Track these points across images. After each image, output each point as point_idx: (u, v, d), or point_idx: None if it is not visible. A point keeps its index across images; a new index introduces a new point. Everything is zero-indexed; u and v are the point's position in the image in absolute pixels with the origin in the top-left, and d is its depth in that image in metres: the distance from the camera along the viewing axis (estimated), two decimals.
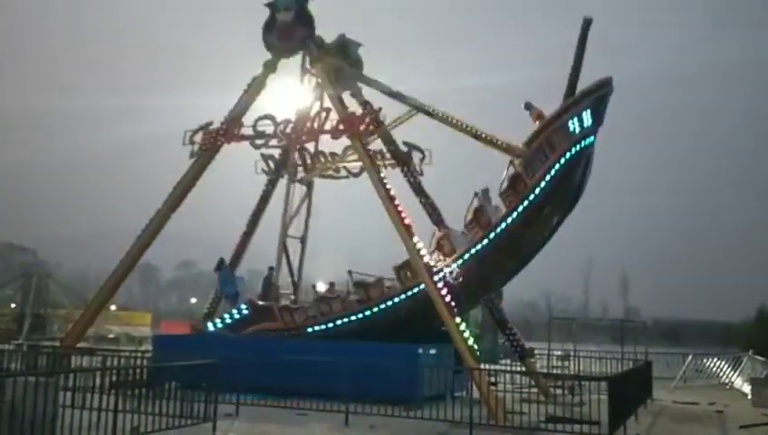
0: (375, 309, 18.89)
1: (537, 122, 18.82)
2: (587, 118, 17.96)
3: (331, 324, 19.32)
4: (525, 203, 17.82)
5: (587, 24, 18.02)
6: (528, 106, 19.23)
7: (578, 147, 17.94)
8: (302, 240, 23.32)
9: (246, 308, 20.52)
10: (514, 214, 17.97)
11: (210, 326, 21.09)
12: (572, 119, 17.95)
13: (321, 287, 22.44)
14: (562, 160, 17.84)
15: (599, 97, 18.12)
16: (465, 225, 18.97)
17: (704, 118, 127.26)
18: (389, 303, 18.76)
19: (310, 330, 19.56)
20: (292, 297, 22.58)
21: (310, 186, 23.33)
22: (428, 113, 19.96)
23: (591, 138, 18.19)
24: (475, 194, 18.98)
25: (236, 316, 20.58)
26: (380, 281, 19.47)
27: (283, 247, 22.01)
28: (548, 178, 17.83)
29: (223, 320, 20.92)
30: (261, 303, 21.02)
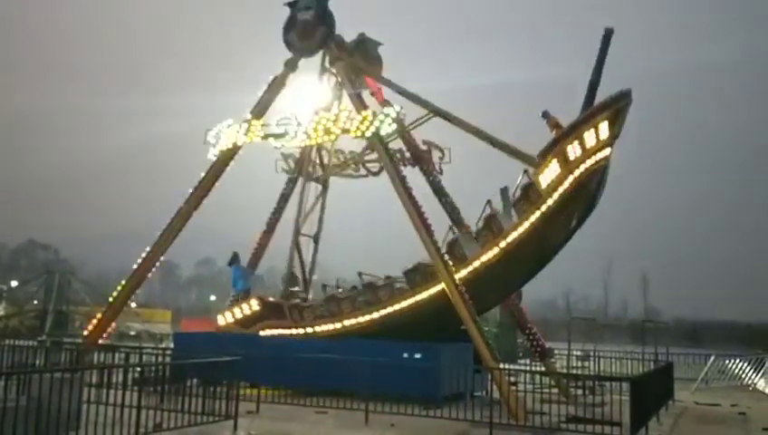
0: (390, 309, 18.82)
1: (554, 132, 18.59)
2: (603, 130, 17.59)
3: (339, 324, 19.37)
4: (537, 214, 17.52)
5: (608, 34, 17.66)
6: (545, 115, 18.84)
7: (593, 160, 17.64)
8: (315, 239, 23.34)
9: (257, 304, 20.66)
10: (527, 224, 17.72)
11: (221, 320, 21.23)
12: (589, 131, 17.62)
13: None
14: (576, 173, 17.58)
15: (617, 110, 17.67)
16: (477, 232, 18.80)
17: (725, 111, 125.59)
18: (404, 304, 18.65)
19: (318, 329, 19.64)
20: (303, 295, 22.60)
21: (325, 184, 23.37)
22: (446, 117, 19.67)
23: (607, 150, 17.83)
24: (488, 202, 18.78)
25: (247, 312, 20.71)
26: (391, 283, 19.47)
27: (296, 245, 22.20)
28: (561, 190, 17.60)
29: (234, 315, 21.05)
30: (271, 299, 21.11)
